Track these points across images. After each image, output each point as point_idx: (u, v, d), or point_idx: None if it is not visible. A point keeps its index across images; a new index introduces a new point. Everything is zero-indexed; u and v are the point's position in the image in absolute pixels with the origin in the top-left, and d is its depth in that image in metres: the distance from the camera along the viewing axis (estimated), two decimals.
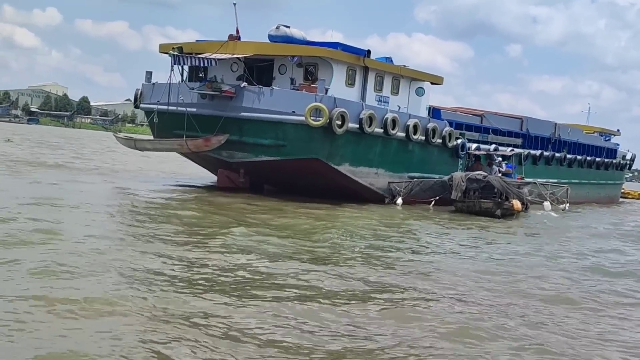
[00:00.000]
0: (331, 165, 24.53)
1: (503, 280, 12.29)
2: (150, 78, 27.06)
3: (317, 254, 13.37)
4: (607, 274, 14.17)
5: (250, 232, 15.06)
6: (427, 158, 28.21)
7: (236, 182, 25.93)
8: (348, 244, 15.07)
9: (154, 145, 25.80)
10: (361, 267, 12.22)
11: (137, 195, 21.13)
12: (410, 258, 13.90)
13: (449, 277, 12.08)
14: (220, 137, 24.32)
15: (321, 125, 23.29)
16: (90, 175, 26.37)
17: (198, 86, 25.13)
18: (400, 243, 15.99)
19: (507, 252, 16.26)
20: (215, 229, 15.37)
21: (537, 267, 14.12)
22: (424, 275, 12.06)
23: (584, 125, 48.62)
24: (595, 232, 23.50)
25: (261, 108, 24.12)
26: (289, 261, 12.19)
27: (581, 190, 40.65)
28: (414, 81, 28.50)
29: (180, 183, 27.84)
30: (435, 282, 11.55)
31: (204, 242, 13.48)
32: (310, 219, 19.15)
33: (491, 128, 33.35)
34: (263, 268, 11.33)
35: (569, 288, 12.24)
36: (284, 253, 13.06)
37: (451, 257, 14.70)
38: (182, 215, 17.09)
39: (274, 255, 12.62)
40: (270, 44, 25.05)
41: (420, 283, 11.26)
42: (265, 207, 20.90)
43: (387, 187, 26.48)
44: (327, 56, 24.53)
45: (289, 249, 13.59)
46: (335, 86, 24.83)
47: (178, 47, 25.88)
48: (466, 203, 25.11)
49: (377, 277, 11.48)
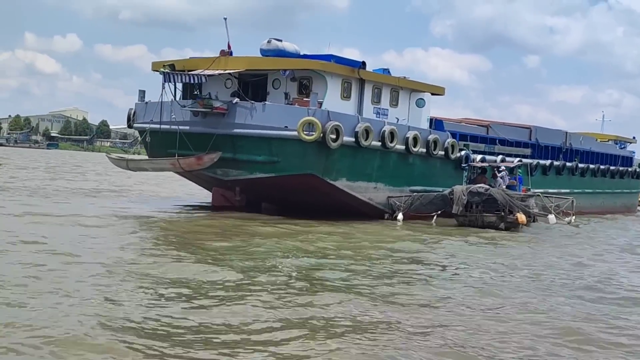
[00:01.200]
0: (327, 181, 23.81)
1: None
2: (144, 97, 26.58)
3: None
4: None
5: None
6: (429, 171, 27.40)
7: (232, 201, 25.29)
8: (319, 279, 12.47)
9: (146, 165, 25.25)
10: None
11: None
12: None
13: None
14: (212, 155, 23.71)
15: (314, 139, 22.60)
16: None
17: (190, 104, 24.57)
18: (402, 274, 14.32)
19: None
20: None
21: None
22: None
23: (598, 133, 47.54)
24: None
25: (254, 124, 23.52)
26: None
27: (595, 200, 39.57)
28: (414, 92, 27.75)
29: (176, 204, 27.28)
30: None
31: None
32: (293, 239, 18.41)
33: (498, 139, 32.46)
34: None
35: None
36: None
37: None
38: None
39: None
40: (262, 58, 24.47)
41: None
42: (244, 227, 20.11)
43: (387, 202, 25.68)
44: (320, 69, 23.87)
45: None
46: (330, 99, 24.16)
47: (170, 64, 25.45)
48: (468, 217, 24.22)
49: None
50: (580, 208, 37.10)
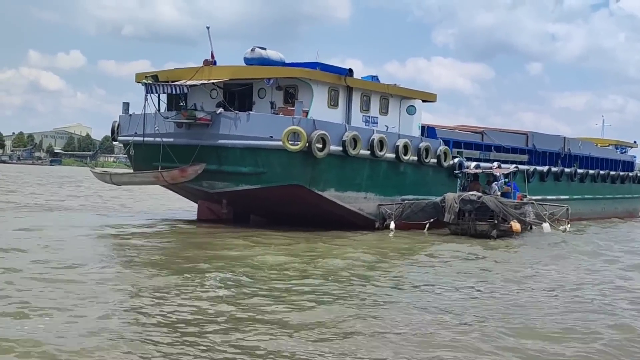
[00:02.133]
0: (315, 191, 23.18)
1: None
2: (128, 109, 26.04)
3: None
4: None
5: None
6: (421, 179, 26.75)
7: (218, 214, 24.70)
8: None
9: (130, 178, 24.70)
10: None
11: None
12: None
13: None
14: (196, 167, 23.14)
15: (300, 149, 22.00)
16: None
17: (173, 115, 24.02)
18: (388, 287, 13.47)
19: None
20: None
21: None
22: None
23: (598, 138, 46.83)
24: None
25: (238, 134, 22.95)
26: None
27: (596, 206, 38.86)
28: (405, 99, 27.13)
29: (156, 217, 26.68)
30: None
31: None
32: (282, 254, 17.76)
33: (493, 145, 31.81)
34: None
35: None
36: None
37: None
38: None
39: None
40: (246, 67, 23.92)
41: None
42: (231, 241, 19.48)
43: (378, 211, 25.03)
44: (305, 77, 23.29)
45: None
46: (316, 108, 23.55)
47: (153, 75, 24.93)
48: (460, 225, 23.53)
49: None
50: (580, 214, 36.59)
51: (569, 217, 26.26)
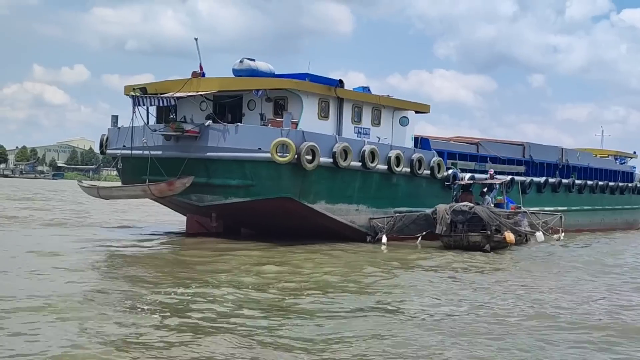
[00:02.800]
0: (305, 204, 22.83)
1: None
2: (117, 122, 25.76)
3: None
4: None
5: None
6: (414, 191, 26.37)
7: (208, 227, 24.34)
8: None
9: (117, 192, 24.36)
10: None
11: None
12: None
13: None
14: (184, 180, 22.80)
15: (288, 161, 21.67)
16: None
17: (162, 127, 23.74)
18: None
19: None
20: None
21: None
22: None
23: (597, 149, 46.42)
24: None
25: (227, 147, 22.64)
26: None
27: (595, 217, 38.40)
28: (397, 111, 26.80)
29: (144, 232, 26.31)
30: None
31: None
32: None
33: (489, 156, 31.44)
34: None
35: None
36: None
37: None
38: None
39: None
40: (234, 79, 23.64)
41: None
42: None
43: (370, 224, 24.66)
44: (294, 88, 22.98)
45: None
46: (306, 119, 23.24)
47: (141, 87, 24.65)
48: (453, 237, 23.10)
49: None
50: (579, 226, 36.20)
51: (563, 226, 25.80)
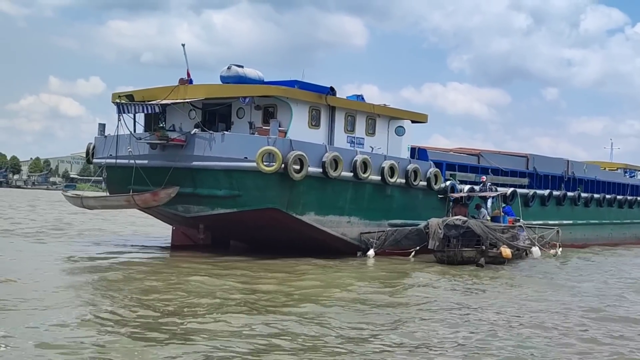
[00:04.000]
0: (293, 215, 22.01)
1: None
2: (104, 130, 25.13)
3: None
4: None
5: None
6: (410, 203, 25.50)
7: (194, 239, 23.64)
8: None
9: (101, 202, 23.70)
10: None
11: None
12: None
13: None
14: (169, 190, 22.07)
15: (274, 170, 20.89)
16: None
17: (147, 136, 23.08)
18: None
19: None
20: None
21: None
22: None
23: (606, 162, 45.35)
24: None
25: (213, 155, 21.91)
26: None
27: (602, 231, 37.36)
28: (393, 120, 26.01)
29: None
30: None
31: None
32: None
33: (490, 168, 30.51)
34: None
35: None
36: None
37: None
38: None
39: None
40: (221, 86, 22.95)
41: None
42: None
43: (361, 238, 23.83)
44: (282, 95, 22.24)
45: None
46: (296, 128, 22.49)
47: (128, 94, 24.06)
48: (446, 253, 22.19)
49: None
50: (585, 240, 35.23)
51: (560, 241, 24.86)
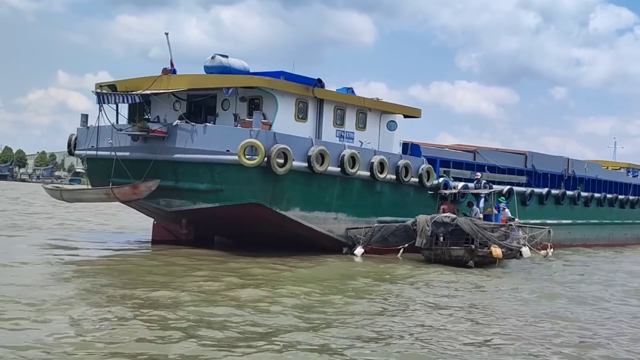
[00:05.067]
0: (277, 211, 21.28)
1: None
2: (87, 121, 24.43)
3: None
4: None
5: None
6: (400, 200, 24.75)
7: (176, 234, 22.96)
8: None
9: (80, 195, 23.05)
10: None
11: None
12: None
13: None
14: (149, 184, 21.37)
15: (257, 164, 20.15)
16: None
17: (128, 127, 22.40)
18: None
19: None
20: None
21: None
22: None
23: (609, 161, 44.46)
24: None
25: (194, 148, 21.22)
26: None
27: (602, 231, 36.50)
28: (385, 114, 25.26)
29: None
30: None
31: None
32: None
33: (486, 165, 29.70)
34: None
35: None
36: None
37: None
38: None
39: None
40: (205, 76, 22.23)
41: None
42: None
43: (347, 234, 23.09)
44: (266, 86, 21.50)
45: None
46: (282, 121, 21.75)
47: (110, 84, 23.41)
48: (434, 251, 21.43)
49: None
50: (585, 240, 34.41)
51: (551, 241, 24.05)
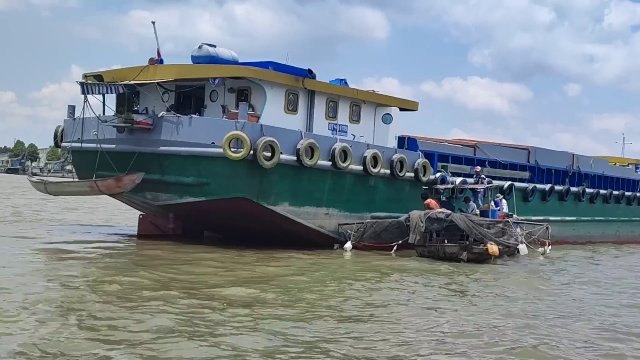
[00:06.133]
0: (264, 206, 20.63)
1: None
2: (73, 113, 23.90)
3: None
4: None
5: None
6: (395, 195, 24.02)
7: (163, 229, 22.34)
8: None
9: (64, 188, 22.49)
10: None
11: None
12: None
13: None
14: (133, 176, 20.79)
15: (242, 157, 19.52)
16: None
17: (113, 119, 21.81)
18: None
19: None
20: None
21: None
22: None
23: (617, 157, 43.50)
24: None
25: (180, 140, 20.62)
26: None
27: (609, 228, 35.61)
28: (380, 107, 24.54)
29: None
30: None
31: None
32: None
33: (487, 160, 28.91)
34: None
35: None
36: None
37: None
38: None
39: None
40: (191, 66, 21.59)
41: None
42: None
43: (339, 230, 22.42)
44: (254, 77, 20.84)
45: None
46: (270, 112, 21.08)
47: (97, 75, 22.85)
48: (428, 247, 20.74)
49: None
50: (590, 237, 33.58)
51: (549, 237, 23.27)
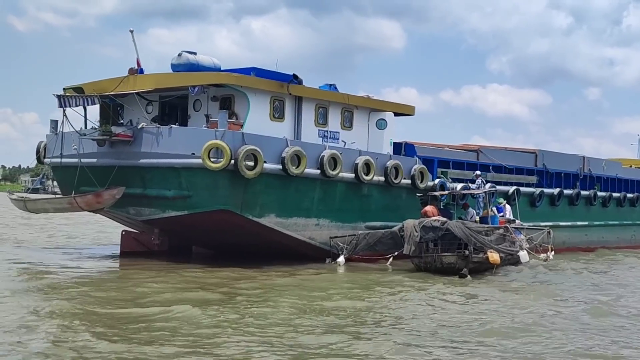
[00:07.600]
0: (249, 218, 19.66)
1: None
2: (56, 127, 23.05)
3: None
4: None
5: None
6: (391, 203, 22.96)
7: (147, 245, 21.47)
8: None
9: (43, 205, 21.58)
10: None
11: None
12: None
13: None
14: (113, 191, 19.87)
15: (222, 167, 18.58)
16: None
17: (92, 132, 20.97)
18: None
19: None
20: None
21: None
22: None
23: (632, 159, 41.99)
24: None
25: (160, 152, 19.71)
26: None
27: (624, 233, 34.19)
28: (374, 112, 23.56)
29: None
30: None
31: None
32: None
33: (491, 165, 27.73)
34: None
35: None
36: None
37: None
38: None
39: None
40: (171, 75, 20.72)
41: None
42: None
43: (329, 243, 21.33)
44: (235, 83, 19.94)
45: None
46: (255, 120, 20.18)
47: (77, 87, 22.04)
48: (424, 259, 19.57)
49: None
50: (604, 242, 32.28)
51: (552, 243, 22.05)
